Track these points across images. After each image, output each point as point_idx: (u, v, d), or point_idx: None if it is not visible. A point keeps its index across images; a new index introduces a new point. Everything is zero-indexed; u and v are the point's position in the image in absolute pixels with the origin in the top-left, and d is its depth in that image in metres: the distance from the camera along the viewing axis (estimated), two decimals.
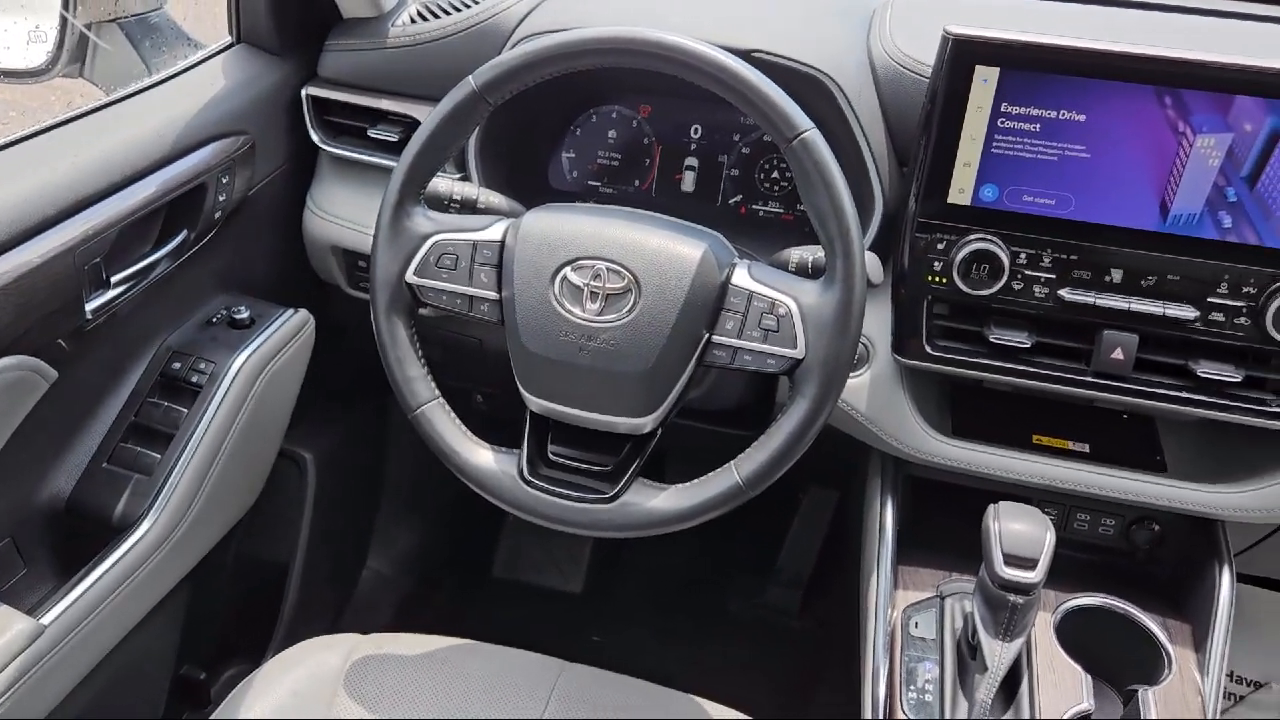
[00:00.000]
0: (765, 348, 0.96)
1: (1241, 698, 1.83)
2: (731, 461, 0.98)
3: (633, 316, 0.96)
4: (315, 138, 1.36)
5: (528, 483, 1.01)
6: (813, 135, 0.92)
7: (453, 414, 1.04)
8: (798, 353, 0.95)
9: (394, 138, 1.31)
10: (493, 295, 1.01)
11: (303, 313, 1.38)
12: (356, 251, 1.39)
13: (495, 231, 1.02)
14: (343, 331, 1.52)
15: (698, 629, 1.97)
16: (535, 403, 1.02)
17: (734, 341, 0.97)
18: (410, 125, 1.30)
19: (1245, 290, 1.04)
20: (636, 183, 1.39)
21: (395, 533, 1.94)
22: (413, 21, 1.31)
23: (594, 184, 1.40)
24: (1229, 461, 1.18)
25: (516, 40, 1.24)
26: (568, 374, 0.98)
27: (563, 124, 1.40)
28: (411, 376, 1.03)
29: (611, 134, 1.38)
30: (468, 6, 1.29)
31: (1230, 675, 1.85)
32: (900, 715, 1.07)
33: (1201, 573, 1.19)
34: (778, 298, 0.96)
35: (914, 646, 1.13)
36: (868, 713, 1.10)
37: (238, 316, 1.32)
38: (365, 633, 1.19)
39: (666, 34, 0.94)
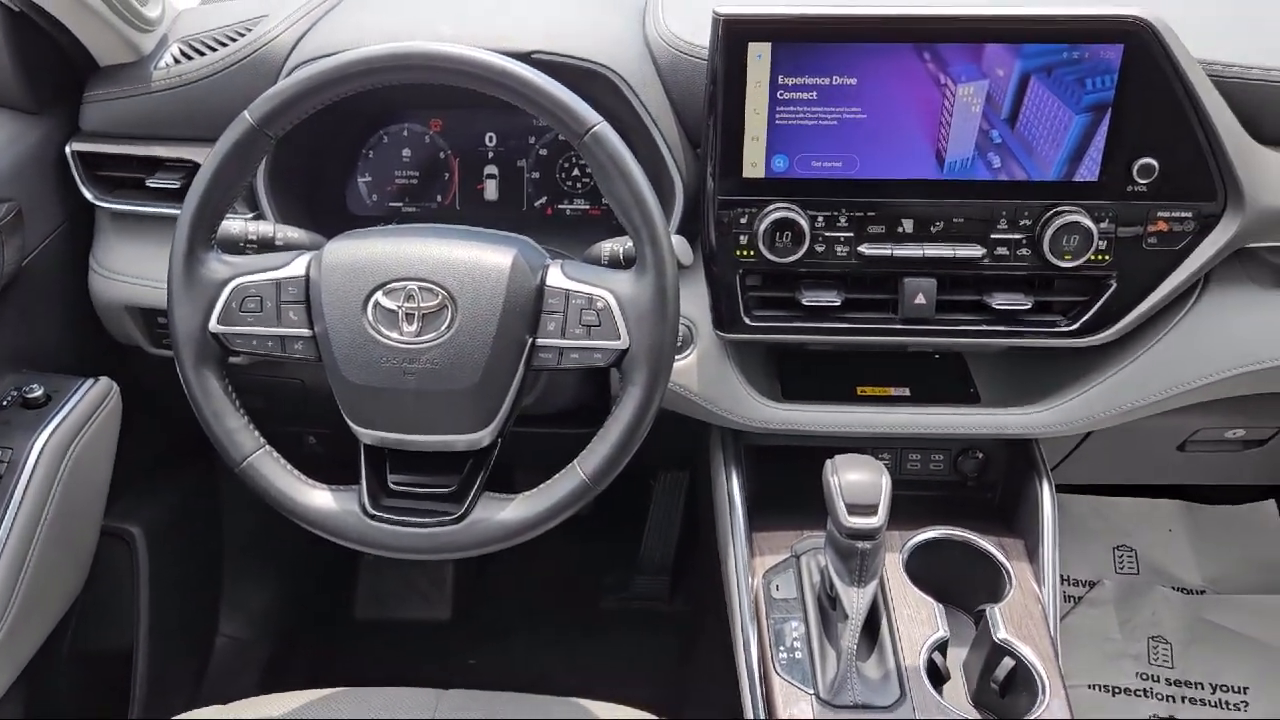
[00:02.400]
0: (590, 343, 0.97)
1: (1080, 598, 1.98)
2: (575, 460, 0.99)
3: (452, 333, 0.95)
4: (88, 195, 1.28)
5: (372, 517, 0.98)
6: (603, 129, 0.93)
7: (282, 460, 1.00)
8: (622, 343, 0.96)
9: (175, 184, 1.25)
10: (305, 333, 0.98)
11: (104, 381, 1.29)
12: (154, 308, 1.32)
13: (298, 267, 0.98)
14: (153, 394, 1.43)
15: (572, 631, 1.97)
16: (367, 434, 1.00)
17: (558, 342, 0.97)
18: (190, 170, 1.24)
19: (1022, 223, 1.12)
20: (439, 198, 1.37)
21: (245, 593, 1.85)
22: (176, 62, 1.25)
23: (395, 205, 1.38)
24: (1033, 384, 1.26)
25: (291, 68, 1.20)
26: (395, 400, 0.96)
27: (354, 148, 1.37)
28: (232, 429, 0.99)
29: (406, 152, 1.36)
30: (232, 40, 1.24)
31: (1066, 579, 1.99)
32: (775, 675, 1.10)
33: (1025, 490, 1.28)
34: (595, 292, 0.97)
35: (778, 608, 1.17)
36: (744, 680, 1.13)
37: (31, 395, 1.23)
38: (228, 702, 1.14)
39: (443, 45, 0.93)
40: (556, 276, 0.98)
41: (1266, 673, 1.84)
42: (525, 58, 1.08)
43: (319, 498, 1.00)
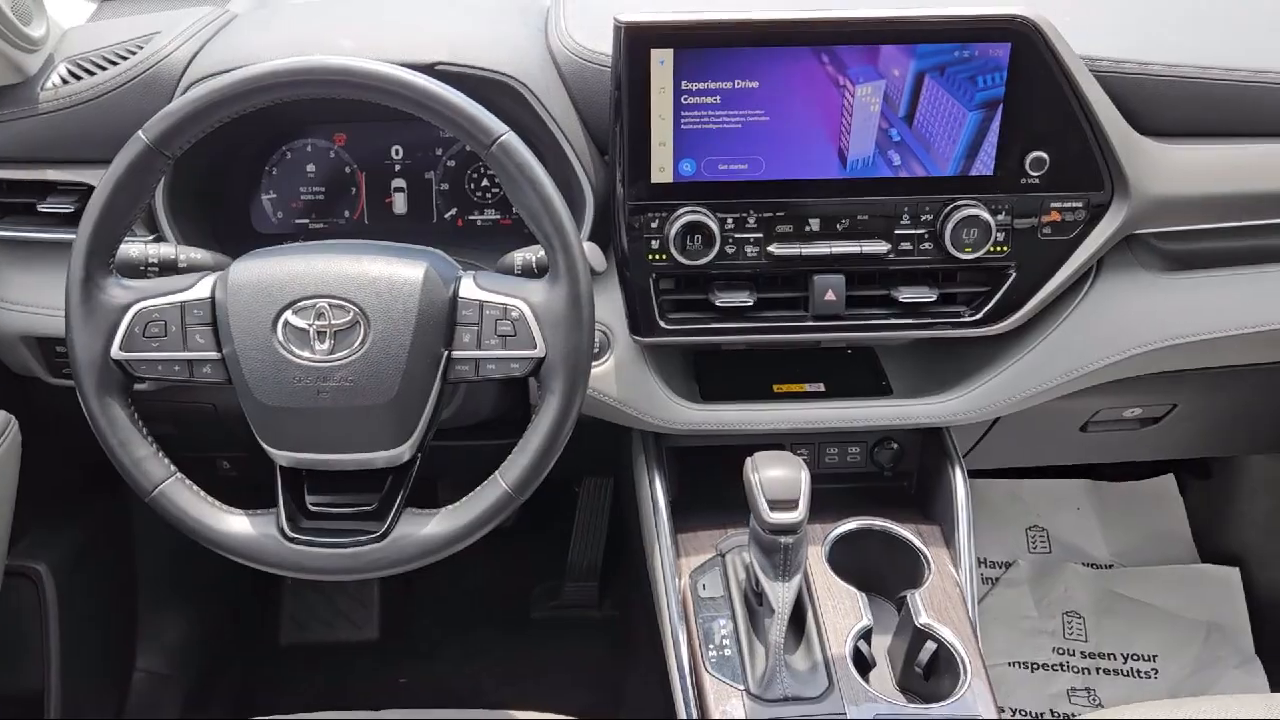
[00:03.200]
0: (506, 353, 0.97)
1: (997, 579, 2.04)
2: (496, 471, 0.99)
3: (366, 349, 0.94)
4: None
5: (292, 540, 0.97)
6: (509, 138, 0.93)
7: (195, 487, 0.98)
8: (538, 352, 0.96)
9: (69, 208, 1.21)
10: (213, 355, 0.96)
11: (1, 415, 1.25)
12: (52, 337, 1.27)
13: (203, 288, 0.96)
14: (55, 426, 1.38)
15: (504, 643, 1.96)
16: (282, 456, 0.98)
17: (474, 353, 0.97)
18: (85, 193, 1.20)
19: (923, 218, 1.15)
20: (346, 214, 1.35)
21: (162, 626, 1.80)
22: (64, 82, 1.21)
23: (302, 222, 1.36)
24: (942, 374, 1.30)
25: (187, 85, 1.18)
26: (310, 420, 0.95)
27: (256, 165, 1.34)
28: (140, 457, 0.97)
29: (310, 168, 1.34)
30: (123, 59, 1.20)
31: (983, 562, 2.05)
32: (705, 674, 1.11)
33: (939, 478, 1.31)
34: (509, 302, 0.97)
35: (705, 607, 1.18)
36: (675, 680, 1.14)
37: None
38: None
39: (345, 59, 0.92)
40: (470, 288, 0.98)
41: (1173, 640, 1.92)
42: (428, 70, 1.08)
43: (235, 523, 0.98)
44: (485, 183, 1.35)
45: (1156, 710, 1.08)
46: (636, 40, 1.06)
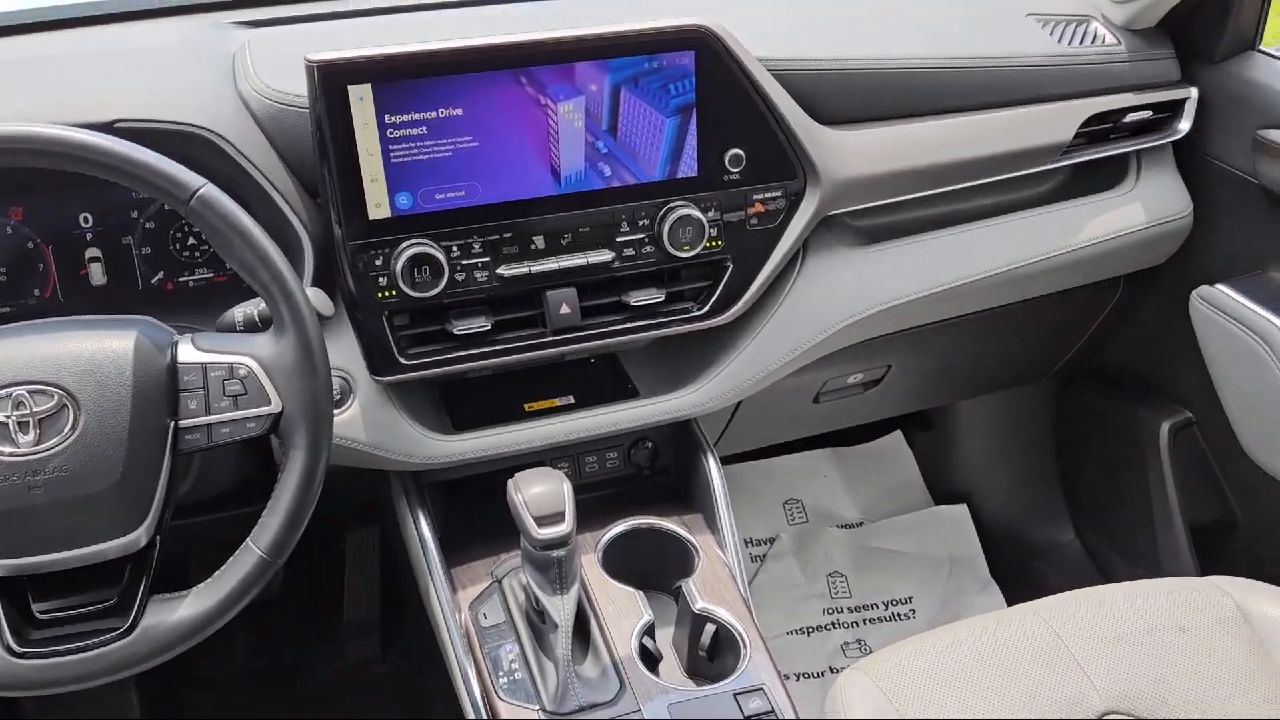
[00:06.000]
0: (239, 414, 0.92)
1: (764, 556, 2.15)
2: (248, 538, 0.94)
3: (79, 433, 0.87)
4: None
5: (21, 655, 0.87)
6: (208, 191, 0.89)
7: None
8: (274, 407, 0.92)
9: None
10: None
11: None
12: None
13: None
14: None
15: (287, 716, 1.85)
16: None
17: (204, 420, 0.92)
18: None
19: (641, 223, 1.20)
20: (36, 292, 1.24)
21: None
22: None
23: None
24: (682, 369, 1.36)
25: None
26: (25, 520, 0.87)
27: None
28: None
29: None
30: None
31: (749, 541, 2.15)
32: (499, 701, 1.10)
33: (694, 468, 1.37)
34: (234, 360, 0.93)
35: (490, 636, 1.17)
36: (469, 714, 1.12)
37: None
38: None
39: (13, 125, 0.85)
40: (189, 351, 0.93)
41: (923, 580, 2.09)
42: (108, 128, 1.01)
43: None
44: (192, 241, 1.27)
45: (915, 644, 1.18)
46: (331, 78, 1.05)
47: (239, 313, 1.00)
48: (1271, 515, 1.58)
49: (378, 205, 1.10)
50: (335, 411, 1.15)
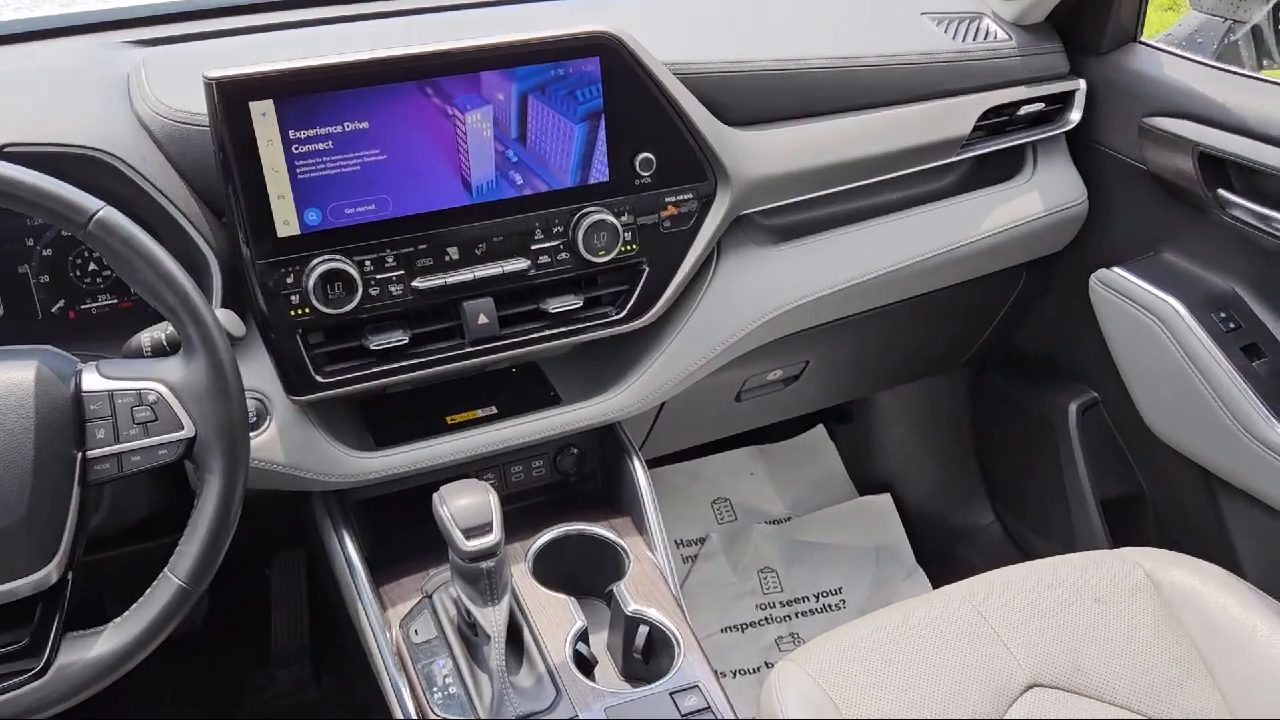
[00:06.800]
0: (150, 441, 0.90)
1: (695, 556, 2.16)
2: (165, 567, 0.91)
3: None
4: None
5: None
6: (106, 213, 0.87)
7: None
8: (187, 432, 0.90)
9: None
10: None
11: None
12: None
13: None
14: None
15: None
16: None
17: (113, 449, 0.90)
18: None
19: (555, 230, 1.20)
20: None
21: None
22: None
23: None
24: (604, 374, 1.36)
25: None
26: None
27: None
28: None
29: None
30: None
31: (679, 542, 2.16)
32: (434, 718, 1.09)
33: (621, 472, 1.38)
34: (143, 386, 0.90)
35: (422, 652, 1.16)
36: None
37: None
38: None
39: None
40: (93, 380, 0.90)
41: (851, 570, 2.13)
42: None
43: None
44: (93, 266, 1.24)
45: (846, 632, 1.20)
46: (231, 95, 1.03)
47: (146, 337, 0.98)
48: (1176, 487, 1.64)
49: (286, 223, 1.09)
50: (252, 434, 1.13)
